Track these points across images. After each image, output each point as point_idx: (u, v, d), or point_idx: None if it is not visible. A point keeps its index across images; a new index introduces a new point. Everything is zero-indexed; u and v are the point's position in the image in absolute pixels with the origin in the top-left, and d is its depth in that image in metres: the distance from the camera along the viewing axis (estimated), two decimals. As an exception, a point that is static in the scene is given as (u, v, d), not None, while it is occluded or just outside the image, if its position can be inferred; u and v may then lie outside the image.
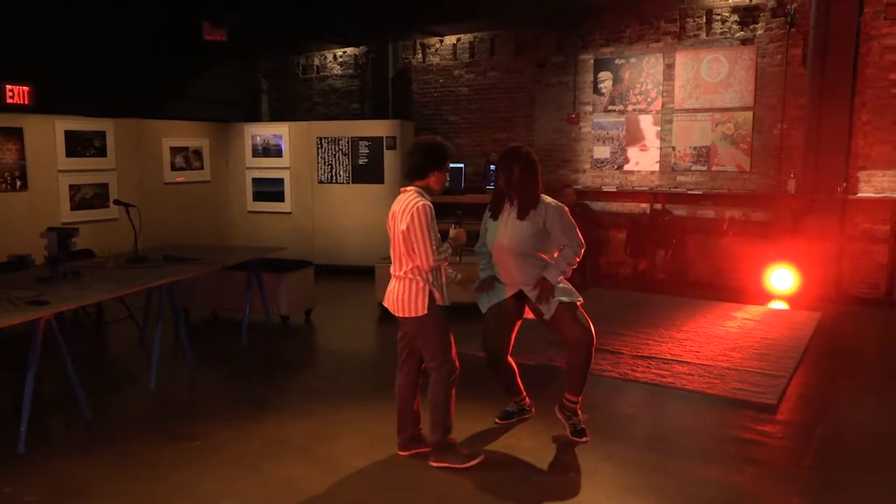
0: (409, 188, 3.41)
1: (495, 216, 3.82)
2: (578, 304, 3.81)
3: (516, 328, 3.93)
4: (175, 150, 8.83)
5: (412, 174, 3.43)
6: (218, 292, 6.49)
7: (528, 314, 3.90)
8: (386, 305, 3.56)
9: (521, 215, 3.69)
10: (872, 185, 7.31)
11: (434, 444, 3.54)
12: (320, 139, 9.25)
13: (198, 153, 9.12)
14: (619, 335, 6.00)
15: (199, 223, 9.09)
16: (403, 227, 3.28)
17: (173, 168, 8.81)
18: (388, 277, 3.58)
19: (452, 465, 3.48)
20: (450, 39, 10.02)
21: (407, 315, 3.44)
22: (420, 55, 10.33)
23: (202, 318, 6.90)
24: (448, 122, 10.19)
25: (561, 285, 3.78)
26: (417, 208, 3.26)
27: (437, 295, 3.43)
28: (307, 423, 4.16)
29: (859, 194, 7.33)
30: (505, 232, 3.73)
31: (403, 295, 3.42)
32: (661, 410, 4.48)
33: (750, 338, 5.93)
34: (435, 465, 3.50)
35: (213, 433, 3.98)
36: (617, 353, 5.46)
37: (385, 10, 9.00)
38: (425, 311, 3.40)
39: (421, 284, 3.38)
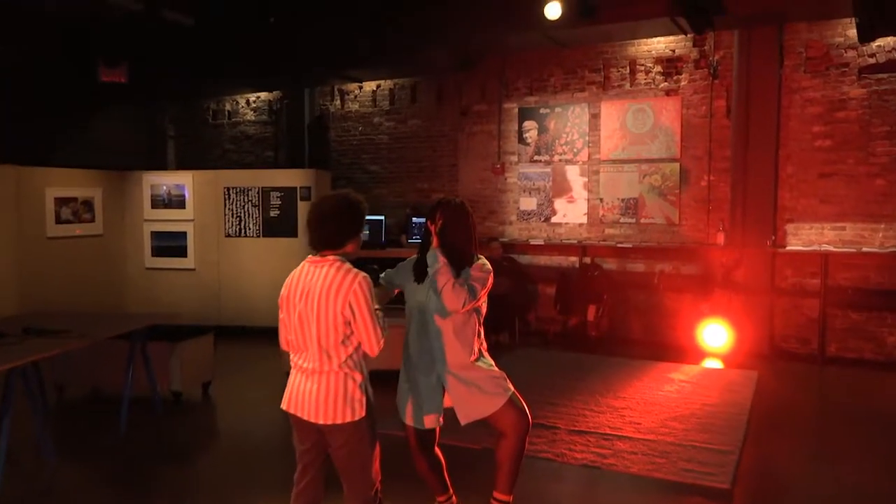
0: (325, 257, 2.69)
1: (420, 278, 3.26)
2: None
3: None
4: (61, 201, 7.90)
5: (326, 244, 2.71)
6: (99, 366, 5.59)
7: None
8: (296, 413, 2.70)
9: (455, 271, 3.14)
10: (800, 237, 7.20)
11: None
12: (228, 189, 8.53)
13: (88, 204, 8.21)
14: (553, 405, 5.49)
15: (90, 282, 8.13)
16: (339, 307, 2.57)
17: (58, 221, 7.87)
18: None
19: None
20: (369, 86, 9.58)
21: (340, 421, 2.64)
22: (338, 101, 9.83)
23: (81, 396, 5.98)
24: (368, 172, 9.67)
25: (483, 365, 3.23)
26: (359, 283, 2.59)
27: (370, 389, 2.76)
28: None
29: (788, 247, 7.20)
30: (433, 297, 3.16)
31: (332, 395, 2.63)
32: (606, 500, 3.95)
33: (690, 404, 5.54)
34: None
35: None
36: (552, 429, 4.93)
37: (299, 53, 8.48)
38: (363, 414, 2.68)
39: (359, 379, 2.68)
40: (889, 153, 6.75)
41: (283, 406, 2.74)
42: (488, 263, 3.25)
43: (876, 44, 6.72)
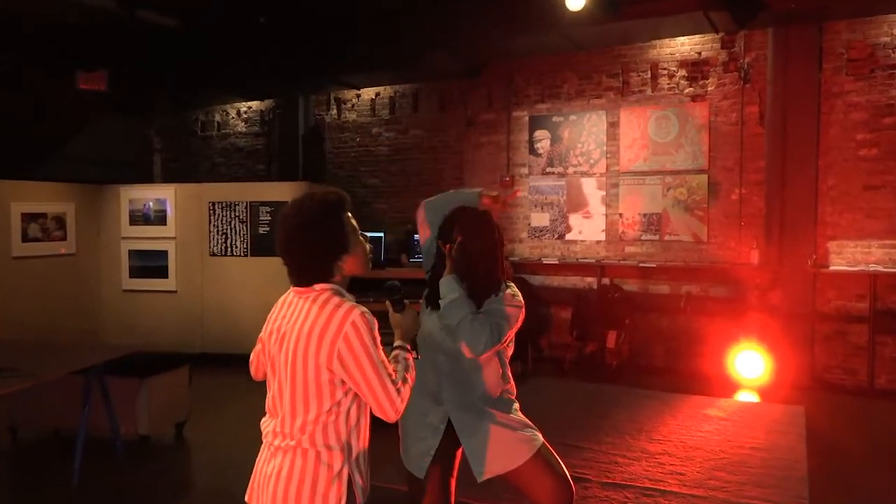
0: (312, 287, 1.91)
1: (433, 304, 2.58)
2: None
3: (457, 467, 2.66)
4: (29, 217, 7.20)
5: (308, 277, 1.92)
6: (60, 404, 4.84)
7: None
8: None
9: (477, 303, 2.46)
10: (844, 256, 6.51)
11: None
12: (213, 204, 7.83)
13: (59, 220, 7.51)
14: (577, 448, 4.75)
15: (60, 306, 7.40)
16: (323, 360, 1.80)
17: (25, 239, 7.16)
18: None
19: None
20: (367, 94, 8.93)
21: None
22: (335, 111, 9.17)
23: (38, 438, 5.24)
24: (366, 186, 9.00)
25: (514, 416, 2.56)
26: (352, 325, 1.80)
27: (358, 480, 1.88)
28: None
29: (831, 267, 6.50)
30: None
31: (295, 486, 1.81)
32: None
33: (736, 448, 4.80)
34: None
35: None
36: (582, 481, 4.19)
37: (293, 57, 7.86)
38: None
39: (337, 464, 1.83)
40: (944, 163, 6.09)
41: (246, 498, 1.95)
42: (520, 294, 2.56)
43: (928, 42, 6.08)
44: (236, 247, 7.77)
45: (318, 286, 1.89)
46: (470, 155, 8.31)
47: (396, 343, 2.03)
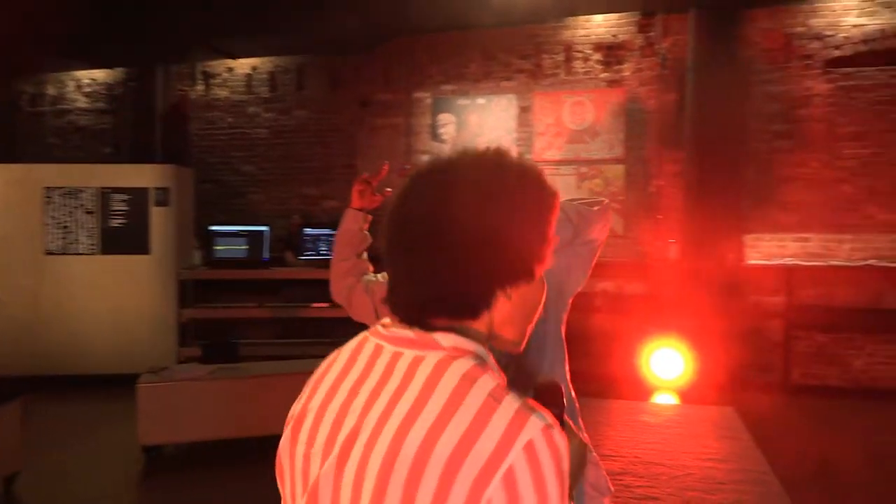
0: (425, 336, 0.86)
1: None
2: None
3: None
4: None
5: (452, 310, 0.88)
6: None
7: None
8: None
9: None
10: (760, 251, 6.37)
11: None
12: (50, 190, 6.34)
13: None
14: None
15: None
16: None
17: None
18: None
19: None
20: (242, 67, 7.75)
21: None
22: (202, 86, 7.89)
23: None
24: (240, 173, 7.81)
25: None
26: (531, 448, 0.76)
27: None
28: None
29: (748, 262, 6.33)
30: None
31: None
32: None
33: (694, 459, 4.34)
34: None
35: None
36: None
37: (148, 16, 6.55)
38: None
39: None
40: (857, 156, 6.08)
41: None
42: None
43: (843, 34, 6.05)
44: (81, 243, 6.33)
45: (445, 339, 0.86)
46: (364, 140, 7.42)
47: None
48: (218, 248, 6.47)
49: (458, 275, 0.85)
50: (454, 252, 0.85)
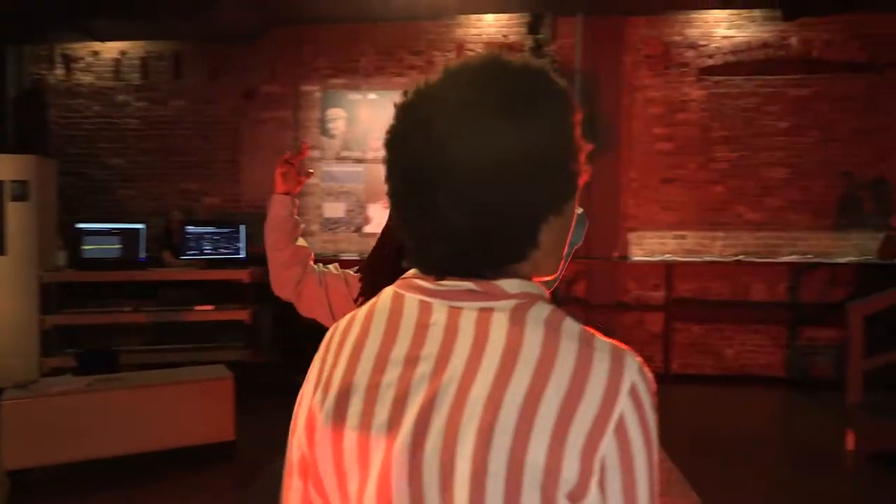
0: (495, 285, 0.75)
1: None
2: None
3: None
4: None
5: (499, 252, 0.76)
6: None
7: None
8: None
9: None
10: (643, 247, 6.68)
11: None
12: None
13: None
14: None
15: None
16: (572, 472, 0.67)
17: None
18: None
19: None
20: (109, 51, 7.12)
21: None
22: (62, 70, 7.16)
23: None
24: (108, 167, 7.17)
25: None
26: (635, 392, 0.71)
27: None
28: None
29: (632, 258, 6.62)
30: None
31: None
32: None
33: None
34: None
35: None
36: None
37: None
38: None
39: None
40: (728, 159, 6.52)
41: None
42: None
43: (714, 44, 6.46)
44: (-83, 243, 5.54)
45: (510, 285, 0.75)
46: (248, 132, 7.04)
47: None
48: (87, 247, 5.89)
49: (503, 208, 0.73)
50: (494, 182, 0.72)
